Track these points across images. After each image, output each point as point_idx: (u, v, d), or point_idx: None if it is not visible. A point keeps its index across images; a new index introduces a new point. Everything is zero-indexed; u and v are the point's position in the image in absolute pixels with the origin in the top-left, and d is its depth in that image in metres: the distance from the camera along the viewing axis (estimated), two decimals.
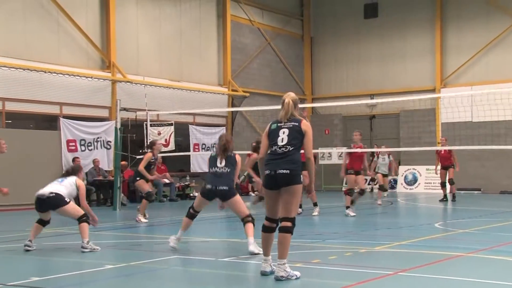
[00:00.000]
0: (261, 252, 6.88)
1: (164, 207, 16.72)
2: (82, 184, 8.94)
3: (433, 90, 23.36)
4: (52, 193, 8.58)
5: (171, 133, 19.00)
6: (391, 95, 23.04)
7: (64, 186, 8.74)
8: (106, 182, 17.53)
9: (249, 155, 12.87)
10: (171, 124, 19.02)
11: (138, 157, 17.36)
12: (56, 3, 17.52)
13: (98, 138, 18.10)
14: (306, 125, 6.46)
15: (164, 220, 13.06)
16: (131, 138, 17.93)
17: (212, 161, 8.50)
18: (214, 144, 21.76)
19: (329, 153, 23.97)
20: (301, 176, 6.44)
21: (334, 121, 25.75)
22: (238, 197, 8.39)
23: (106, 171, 18.14)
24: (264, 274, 6.44)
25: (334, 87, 25.94)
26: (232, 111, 22.32)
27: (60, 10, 17.64)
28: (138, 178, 12.61)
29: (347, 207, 13.23)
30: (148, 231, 11.30)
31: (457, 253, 8.03)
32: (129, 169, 18.35)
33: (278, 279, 6.23)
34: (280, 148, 6.40)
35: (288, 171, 6.29)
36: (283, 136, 6.41)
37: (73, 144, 17.53)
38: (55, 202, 8.57)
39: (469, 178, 22.38)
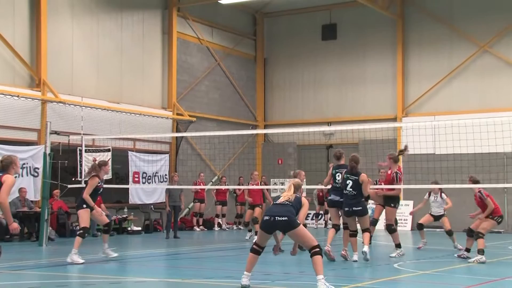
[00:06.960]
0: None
1: (98, 242, 16.30)
2: None
3: (394, 119, 23.78)
4: None
5: (108, 160, 18.72)
6: (349, 123, 23.30)
7: None
8: (32, 214, 17.05)
9: None
10: (109, 150, 18.76)
11: (69, 186, 17.03)
12: None
13: (24, 164, 17.60)
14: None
15: (97, 258, 12.70)
16: (62, 165, 17.53)
17: None
18: (156, 173, 21.53)
19: (282, 183, 23.98)
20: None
21: (288, 150, 25.89)
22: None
23: (32, 201, 17.65)
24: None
25: (289, 113, 26.14)
26: (176, 137, 22.17)
27: None
28: (84, 206, 12.13)
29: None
30: (78, 270, 10.97)
31: None
32: (58, 199, 17.92)
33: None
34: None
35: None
36: None
37: None
38: None
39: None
